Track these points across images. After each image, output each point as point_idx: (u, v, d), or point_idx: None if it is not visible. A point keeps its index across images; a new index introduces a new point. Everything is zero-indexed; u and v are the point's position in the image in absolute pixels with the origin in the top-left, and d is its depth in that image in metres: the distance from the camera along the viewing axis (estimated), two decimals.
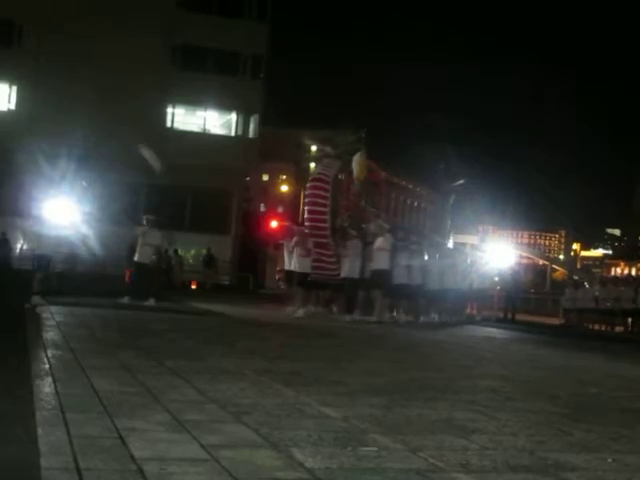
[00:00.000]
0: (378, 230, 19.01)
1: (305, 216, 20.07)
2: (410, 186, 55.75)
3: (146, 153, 21.16)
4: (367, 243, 19.26)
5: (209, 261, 40.61)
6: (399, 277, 19.06)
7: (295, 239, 19.45)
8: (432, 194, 54.31)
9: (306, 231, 19.53)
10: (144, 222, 19.47)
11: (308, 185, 20.59)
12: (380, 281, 18.44)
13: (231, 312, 17.80)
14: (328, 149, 20.71)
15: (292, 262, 19.47)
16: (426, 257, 20.84)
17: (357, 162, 21.60)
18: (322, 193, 19.68)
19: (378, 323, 17.85)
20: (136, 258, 19.08)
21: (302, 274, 19.18)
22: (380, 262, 18.45)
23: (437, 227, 39.56)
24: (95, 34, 40.51)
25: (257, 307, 20.15)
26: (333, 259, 19.25)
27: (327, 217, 19.60)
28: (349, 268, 18.75)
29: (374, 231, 19.09)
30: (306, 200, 20.27)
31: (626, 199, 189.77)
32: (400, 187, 53.71)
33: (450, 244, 35.52)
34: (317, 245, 19.20)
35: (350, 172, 21.57)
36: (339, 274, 19.06)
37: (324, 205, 19.60)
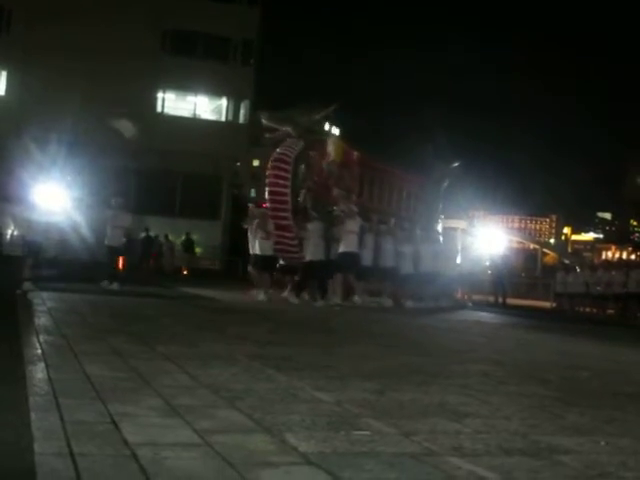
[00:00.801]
0: (348, 212, 18.87)
1: (266, 197, 19.70)
2: (391, 168, 55.14)
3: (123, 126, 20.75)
4: (333, 225, 18.99)
5: (188, 245, 40.47)
6: (368, 260, 18.95)
7: (256, 222, 19.22)
8: (419, 177, 53.79)
9: (268, 213, 19.26)
10: (112, 204, 19.13)
11: (269, 166, 20.14)
12: (349, 264, 18.28)
13: (220, 297, 17.81)
14: (289, 129, 20.24)
15: (255, 245, 19.30)
16: (404, 240, 20.56)
17: (334, 143, 21.51)
18: (283, 174, 19.29)
19: (352, 306, 17.70)
20: (106, 241, 18.81)
21: (264, 257, 18.96)
22: (349, 245, 18.29)
23: (424, 211, 39.13)
24: (85, 19, 40.37)
25: (246, 293, 20.08)
26: (295, 241, 18.96)
27: (288, 198, 19.27)
28: (312, 251, 18.56)
29: (344, 213, 18.92)
30: (267, 181, 19.85)
31: (617, 182, 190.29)
32: (378, 169, 53.17)
33: (440, 228, 35.18)
34: (279, 227, 18.89)
35: (319, 153, 21.40)
36: (302, 257, 18.80)
37: (285, 186, 19.24)
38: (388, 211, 41.08)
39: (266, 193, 19.56)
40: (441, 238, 26.01)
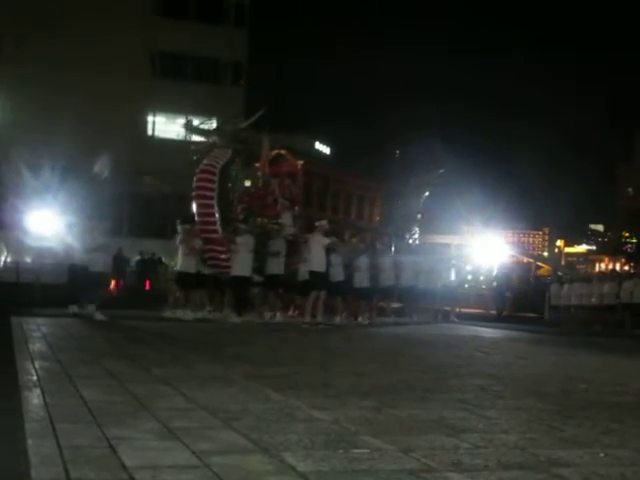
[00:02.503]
0: (290, 224, 18.68)
1: (195, 211, 19.14)
2: (351, 178, 53.84)
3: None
4: (270, 238, 18.61)
5: (155, 266, 39.87)
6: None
7: (180, 237, 18.73)
8: (385, 185, 52.66)
9: (197, 227, 18.70)
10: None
11: (195, 178, 19.51)
12: (319, 284, 17.86)
13: (212, 317, 17.71)
14: (215, 139, 19.89)
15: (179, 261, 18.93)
16: (360, 253, 20.08)
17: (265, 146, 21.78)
18: (209, 185, 18.74)
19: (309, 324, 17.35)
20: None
21: (187, 274, 18.46)
22: (316, 264, 17.87)
23: (396, 220, 38.38)
24: (75, 44, 40.58)
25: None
26: (227, 255, 18.37)
27: (215, 210, 18.77)
28: (240, 266, 18.03)
29: (287, 225, 18.70)
30: (193, 194, 19.27)
31: (608, 194, 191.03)
32: (333, 178, 52.12)
33: (414, 240, 34.45)
34: (209, 241, 18.31)
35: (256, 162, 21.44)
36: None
37: (211, 198, 18.70)
38: (344, 222, 40.46)
39: (194, 206, 19.02)
40: (417, 250, 25.73)
